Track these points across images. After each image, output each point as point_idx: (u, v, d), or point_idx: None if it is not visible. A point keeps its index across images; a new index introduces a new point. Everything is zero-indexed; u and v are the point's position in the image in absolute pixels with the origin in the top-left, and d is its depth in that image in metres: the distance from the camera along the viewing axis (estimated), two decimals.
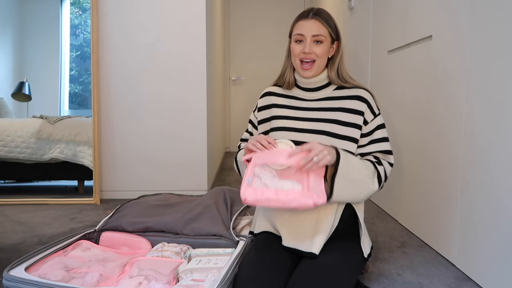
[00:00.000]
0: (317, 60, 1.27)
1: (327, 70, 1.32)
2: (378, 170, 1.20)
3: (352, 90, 1.30)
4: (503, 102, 1.23)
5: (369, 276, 1.42)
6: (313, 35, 1.25)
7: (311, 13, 1.27)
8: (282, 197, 1.06)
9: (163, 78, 2.62)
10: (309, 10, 1.29)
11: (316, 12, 1.27)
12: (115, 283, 1.19)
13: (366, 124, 1.27)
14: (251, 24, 4.99)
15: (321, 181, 1.08)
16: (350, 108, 1.27)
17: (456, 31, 1.52)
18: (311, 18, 1.26)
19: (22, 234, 1.88)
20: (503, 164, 1.23)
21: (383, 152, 1.27)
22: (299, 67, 1.29)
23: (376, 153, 1.26)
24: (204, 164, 2.67)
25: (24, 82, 2.83)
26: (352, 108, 1.27)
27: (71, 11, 2.92)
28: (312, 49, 1.25)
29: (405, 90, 2.01)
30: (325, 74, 1.32)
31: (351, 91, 1.30)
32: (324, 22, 1.26)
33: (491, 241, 1.29)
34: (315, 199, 1.04)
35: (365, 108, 1.27)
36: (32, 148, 2.64)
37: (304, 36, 1.25)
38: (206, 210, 1.58)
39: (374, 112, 1.29)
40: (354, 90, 1.30)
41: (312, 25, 1.25)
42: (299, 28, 1.27)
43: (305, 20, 1.26)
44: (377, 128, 1.27)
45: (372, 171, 1.19)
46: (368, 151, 1.26)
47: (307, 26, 1.25)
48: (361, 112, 1.27)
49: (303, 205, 1.05)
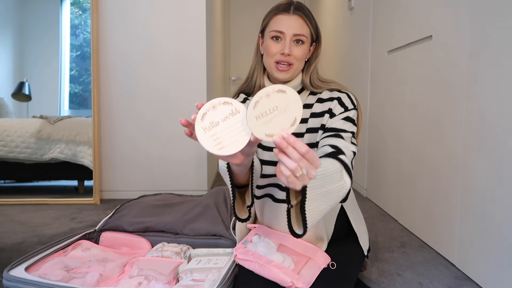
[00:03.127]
0: (295, 64, 1.11)
1: (301, 75, 1.17)
2: (343, 160, 0.95)
3: (325, 93, 1.15)
4: (503, 102, 1.23)
5: (369, 276, 1.42)
6: (294, 34, 1.09)
7: (293, 7, 1.10)
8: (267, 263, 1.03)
9: (163, 78, 2.62)
10: (289, 3, 1.11)
11: (298, 7, 1.11)
12: (115, 283, 1.19)
13: (333, 116, 1.09)
14: (251, 24, 4.99)
15: (316, 272, 1.04)
16: (319, 112, 1.13)
17: (456, 31, 1.52)
18: (293, 14, 1.09)
19: (22, 234, 1.88)
20: (503, 164, 1.23)
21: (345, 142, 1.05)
22: (273, 68, 1.12)
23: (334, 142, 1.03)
24: (204, 164, 2.67)
25: (24, 82, 2.83)
26: (320, 111, 1.13)
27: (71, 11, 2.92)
28: (292, 51, 1.09)
29: (405, 90, 2.01)
30: (299, 79, 1.17)
31: (323, 95, 1.15)
32: (307, 20, 1.10)
33: (491, 241, 1.29)
34: (296, 282, 0.98)
35: (334, 105, 1.10)
36: (32, 148, 2.64)
37: (284, 34, 1.09)
38: (206, 210, 1.59)
39: (345, 106, 1.10)
40: (328, 93, 1.14)
41: (294, 22, 1.09)
42: (278, 23, 1.10)
43: (285, 15, 1.09)
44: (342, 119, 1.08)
45: (337, 167, 0.91)
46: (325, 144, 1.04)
47: (288, 23, 1.08)
48: (328, 110, 1.11)
49: (280, 279, 0.99)
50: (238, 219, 1.02)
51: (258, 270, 1.05)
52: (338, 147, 0.99)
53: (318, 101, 1.14)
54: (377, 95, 2.45)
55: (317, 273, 1.03)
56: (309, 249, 1.09)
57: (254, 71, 1.20)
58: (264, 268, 1.03)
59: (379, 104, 2.40)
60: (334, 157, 0.95)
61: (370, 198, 2.60)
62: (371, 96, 2.55)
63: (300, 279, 1.00)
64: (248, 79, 1.22)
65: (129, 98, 2.62)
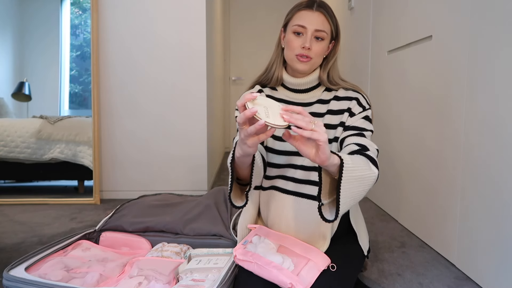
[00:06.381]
0: (314, 58, 1.16)
1: (319, 71, 1.22)
2: (369, 155, 1.04)
3: (341, 91, 1.21)
4: (503, 102, 1.23)
5: (369, 276, 1.42)
6: (316, 30, 1.13)
7: (316, 4, 1.15)
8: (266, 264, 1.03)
9: (163, 78, 2.62)
10: (313, 0, 1.16)
11: (321, 4, 1.16)
12: (115, 283, 1.19)
13: (353, 116, 1.16)
14: (251, 24, 4.99)
15: (315, 274, 1.04)
16: (336, 110, 1.18)
17: (456, 31, 1.52)
18: (316, 10, 1.14)
19: (22, 234, 1.88)
20: (503, 164, 1.23)
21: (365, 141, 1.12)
22: (294, 60, 1.16)
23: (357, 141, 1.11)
24: (204, 164, 2.67)
25: (24, 82, 2.83)
26: (338, 109, 1.18)
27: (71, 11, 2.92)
28: (312, 45, 1.14)
29: (405, 90, 2.01)
30: (316, 74, 1.22)
31: (339, 93, 1.20)
32: (329, 17, 1.15)
33: (491, 241, 1.29)
34: (296, 283, 0.98)
35: (353, 105, 1.17)
36: (32, 148, 2.64)
37: (306, 29, 1.13)
38: (206, 210, 1.59)
39: (363, 106, 1.17)
40: (343, 91, 1.20)
41: (317, 18, 1.13)
42: (301, 19, 1.14)
43: (309, 11, 1.14)
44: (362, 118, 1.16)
45: (365, 160, 1.00)
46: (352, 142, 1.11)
47: (310, 18, 1.13)
48: (348, 109, 1.17)
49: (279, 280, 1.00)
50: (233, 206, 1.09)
51: (257, 271, 1.05)
52: (363, 145, 1.07)
53: (335, 99, 1.20)
54: (377, 95, 2.45)
55: (317, 274, 1.03)
56: (309, 250, 1.09)
57: (273, 64, 1.24)
58: (263, 269, 1.03)
59: (379, 104, 2.40)
60: (360, 153, 1.03)
61: (370, 198, 2.60)
62: (371, 96, 2.55)
63: (299, 281, 1.00)
64: (266, 70, 1.26)
65: (129, 98, 2.62)
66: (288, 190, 1.16)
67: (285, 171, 1.18)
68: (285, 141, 1.15)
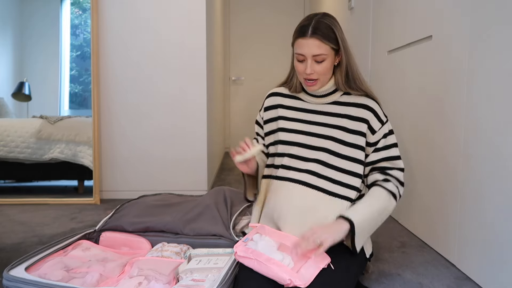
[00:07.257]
0: (320, 78, 1.24)
1: (333, 78, 1.29)
2: (390, 190, 1.21)
3: (358, 97, 1.28)
4: (503, 101, 1.23)
5: (369, 276, 1.42)
6: (313, 55, 1.19)
7: (310, 31, 1.17)
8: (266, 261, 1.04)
9: (163, 78, 2.62)
10: (308, 25, 1.19)
11: (315, 29, 1.17)
12: (115, 283, 1.19)
13: (374, 133, 1.25)
14: (251, 24, 4.99)
15: (315, 271, 1.05)
16: (354, 116, 1.26)
17: (456, 31, 1.52)
18: (310, 37, 1.17)
19: (22, 234, 1.88)
20: (503, 164, 1.23)
21: (391, 158, 1.26)
22: (303, 83, 1.27)
23: (382, 161, 1.25)
24: (204, 164, 2.67)
25: (24, 82, 2.83)
26: (356, 116, 1.25)
27: (71, 11, 2.92)
28: (314, 69, 1.20)
29: (405, 90, 2.01)
30: (332, 82, 1.29)
31: (357, 99, 1.28)
32: (323, 39, 1.18)
33: (491, 241, 1.29)
34: (295, 279, 1.00)
35: (371, 117, 1.25)
36: (32, 148, 2.64)
37: (305, 57, 1.20)
38: (206, 210, 1.58)
39: (381, 120, 1.26)
40: (360, 98, 1.28)
41: (311, 45, 1.18)
42: (299, 47, 1.20)
43: (304, 39, 1.19)
44: (385, 135, 1.26)
45: (384, 196, 1.20)
46: (376, 159, 1.25)
47: (306, 46, 1.18)
48: (366, 120, 1.25)
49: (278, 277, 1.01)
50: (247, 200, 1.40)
51: (257, 267, 1.06)
52: (385, 172, 1.25)
53: (352, 105, 1.28)
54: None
55: (316, 272, 1.04)
56: None
57: (293, 75, 1.33)
58: (262, 265, 1.04)
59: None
60: (382, 186, 1.22)
61: None
62: None
63: (298, 277, 1.01)
64: (288, 78, 1.37)
65: (129, 98, 2.62)
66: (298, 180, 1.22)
67: (298, 163, 1.26)
68: (298, 133, 1.28)
